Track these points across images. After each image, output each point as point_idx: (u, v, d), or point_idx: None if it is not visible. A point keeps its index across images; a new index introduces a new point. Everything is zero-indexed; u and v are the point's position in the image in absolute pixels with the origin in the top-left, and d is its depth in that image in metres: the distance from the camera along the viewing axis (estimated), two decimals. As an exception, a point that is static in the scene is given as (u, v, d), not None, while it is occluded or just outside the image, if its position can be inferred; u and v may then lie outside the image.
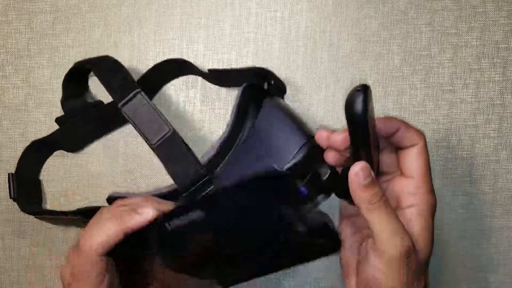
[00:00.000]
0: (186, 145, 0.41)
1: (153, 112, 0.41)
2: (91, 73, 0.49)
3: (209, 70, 0.47)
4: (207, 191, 0.40)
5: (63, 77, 0.51)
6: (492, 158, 0.49)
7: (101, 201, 0.51)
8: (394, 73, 0.49)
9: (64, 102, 0.49)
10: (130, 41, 0.50)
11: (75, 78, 0.48)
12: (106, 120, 0.50)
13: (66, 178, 0.51)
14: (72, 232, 0.51)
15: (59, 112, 0.50)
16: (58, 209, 0.51)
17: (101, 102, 0.50)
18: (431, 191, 0.36)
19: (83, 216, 0.46)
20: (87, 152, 0.51)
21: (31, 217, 0.51)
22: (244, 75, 0.47)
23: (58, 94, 0.51)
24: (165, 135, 0.40)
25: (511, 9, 0.48)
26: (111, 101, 0.48)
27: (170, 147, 0.40)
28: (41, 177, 0.51)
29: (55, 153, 0.51)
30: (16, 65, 0.51)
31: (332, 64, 0.49)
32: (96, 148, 0.51)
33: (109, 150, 0.51)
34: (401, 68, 0.49)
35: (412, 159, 0.36)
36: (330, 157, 0.36)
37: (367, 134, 0.32)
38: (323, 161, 0.37)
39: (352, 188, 0.34)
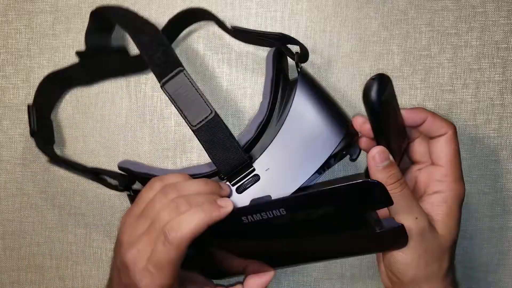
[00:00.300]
0: (228, 129, 0.39)
1: (195, 92, 0.39)
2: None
3: (233, 27, 0.47)
4: (246, 172, 0.40)
5: (63, 77, 0.51)
6: (492, 158, 0.49)
7: (100, 201, 0.51)
8: (394, 73, 0.49)
9: (88, 36, 0.48)
10: (130, 41, 0.50)
11: (104, 16, 0.46)
12: (128, 63, 0.50)
13: (66, 178, 0.51)
14: (71, 232, 0.52)
15: (59, 112, 0.50)
16: (57, 209, 0.51)
17: (125, 50, 0.49)
18: (459, 179, 0.38)
19: (94, 175, 0.45)
20: (87, 152, 0.51)
21: (31, 217, 0.51)
22: (268, 39, 0.46)
23: (58, 94, 0.51)
24: (206, 117, 0.39)
25: (511, 9, 0.48)
26: (138, 54, 0.49)
27: (212, 130, 0.39)
28: (52, 117, 0.51)
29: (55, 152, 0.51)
30: (16, 65, 0.51)
31: (332, 64, 0.49)
32: (96, 148, 0.51)
33: (109, 150, 0.51)
34: (401, 68, 0.49)
35: (440, 148, 0.38)
36: (363, 143, 0.39)
37: (380, 120, 0.35)
38: (356, 143, 0.40)
39: (370, 171, 0.36)
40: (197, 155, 0.50)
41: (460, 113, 0.49)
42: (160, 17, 0.50)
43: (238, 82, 0.50)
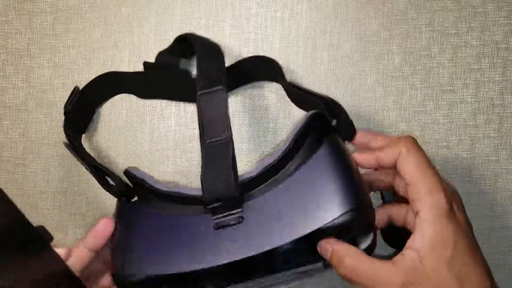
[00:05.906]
0: (234, 159, 0.37)
1: (223, 113, 0.38)
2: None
3: (289, 83, 0.46)
4: (233, 211, 0.37)
5: (63, 77, 0.51)
6: (492, 158, 0.49)
7: (100, 201, 0.51)
8: (394, 73, 0.49)
9: (161, 53, 0.49)
10: (130, 41, 0.50)
11: (182, 40, 0.48)
12: (182, 89, 0.49)
13: (66, 178, 0.51)
14: (70, 233, 0.52)
15: (59, 112, 0.50)
16: (57, 209, 0.51)
17: (189, 76, 0.50)
18: (434, 190, 0.34)
19: (99, 172, 0.44)
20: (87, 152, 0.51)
21: (31, 217, 0.51)
22: (315, 101, 0.43)
23: (59, 94, 0.51)
24: (219, 139, 0.37)
25: (511, 9, 0.48)
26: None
27: (218, 153, 0.37)
28: (100, 110, 0.51)
29: (55, 152, 0.51)
30: (16, 65, 0.51)
31: (332, 64, 0.49)
32: (96, 148, 0.51)
33: (109, 150, 0.51)
34: (401, 68, 0.49)
35: (402, 168, 0.35)
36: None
37: None
38: (367, 227, 0.37)
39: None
40: (197, 155, 0.50)
41: (460, 113, 0.49)
42: (160, 17, 0.50)
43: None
